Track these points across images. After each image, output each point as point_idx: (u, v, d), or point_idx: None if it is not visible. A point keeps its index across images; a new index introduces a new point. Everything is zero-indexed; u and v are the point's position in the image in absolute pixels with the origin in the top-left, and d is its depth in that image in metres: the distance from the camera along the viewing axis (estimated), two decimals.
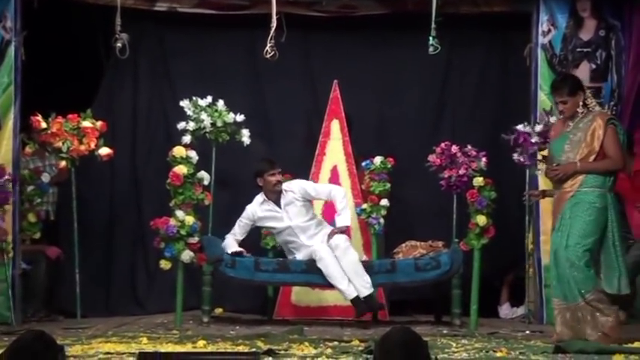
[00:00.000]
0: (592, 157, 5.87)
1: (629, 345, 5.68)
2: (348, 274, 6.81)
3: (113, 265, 7.97)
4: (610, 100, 7.37)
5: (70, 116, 6.85)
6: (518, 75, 7.62)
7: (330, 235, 6.97)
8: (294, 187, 7.09)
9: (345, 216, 7.00)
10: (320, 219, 7.27)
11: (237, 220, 7.14)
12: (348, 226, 7.07)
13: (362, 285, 6.82)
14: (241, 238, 7.13)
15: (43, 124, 6.80)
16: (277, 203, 7.08)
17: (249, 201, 7.34)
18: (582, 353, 5.33)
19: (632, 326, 7.12)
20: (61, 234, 7.47)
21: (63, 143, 6.76)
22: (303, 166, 7.64)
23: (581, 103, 5.91)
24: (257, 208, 7.10)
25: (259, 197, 7.12)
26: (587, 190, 5.84)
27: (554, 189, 6.04)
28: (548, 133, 6.42)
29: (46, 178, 6.86)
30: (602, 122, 5.86)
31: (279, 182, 7.03)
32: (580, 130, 5.91)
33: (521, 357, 5.19)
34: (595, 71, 7.41)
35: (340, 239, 6.90)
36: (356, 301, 6.83)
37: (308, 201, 7.14)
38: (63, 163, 6.89)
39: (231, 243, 7.05)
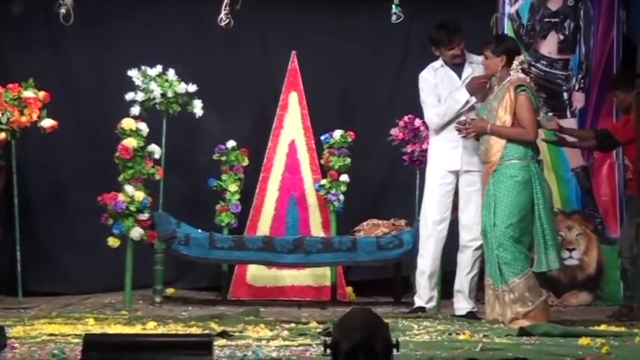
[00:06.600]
0: None
1: (596, 328, 5.62)
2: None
3: (56, 242, 7.71)
4: (578, 72, 7.38)
5: (10, 86, 6.64)
6: (483, 46, 7.42)
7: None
8: (476, 60, 6.29)
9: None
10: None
11: (424, 99, 6.31)
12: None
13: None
14: None
15: None
16: (457, 72, 6.32)
17: (203, 175, 7.17)
18: (548, 336, 5.22)
19: (598, 308, 7.03)
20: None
21: (2, 114, 6.53)
22: (259, 140, 7.49)
23: (511, 71, 5.77)
24: (429, 75, 6.33)
25: (433, 64, 6.37)
26: (508, 163, 5.72)
27: (482, 162, 5.90)
28: None
29: None
30: (512, 91, 5.74)
31: (459, 56, 6.30)
32: (496, 100, 5.83)
33: (484, 340, 5.06)
34: (563, 42, 7.36)
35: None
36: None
37: None
38: (2, 135, 6.60)
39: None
